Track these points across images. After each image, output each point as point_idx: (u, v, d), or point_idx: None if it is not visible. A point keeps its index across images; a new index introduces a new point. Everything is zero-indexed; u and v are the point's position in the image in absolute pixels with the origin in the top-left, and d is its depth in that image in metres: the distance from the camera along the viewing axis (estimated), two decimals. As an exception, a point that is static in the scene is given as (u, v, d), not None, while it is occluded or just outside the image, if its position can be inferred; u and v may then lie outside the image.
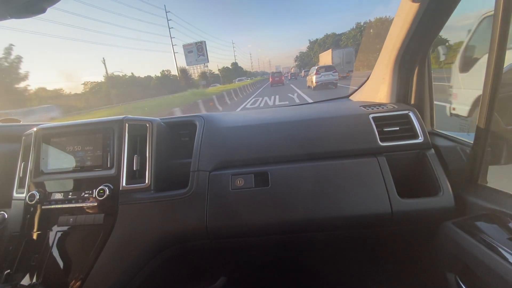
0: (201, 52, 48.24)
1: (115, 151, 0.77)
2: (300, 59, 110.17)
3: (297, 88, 16.12)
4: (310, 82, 15.12)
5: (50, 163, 0.80)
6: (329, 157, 0.78)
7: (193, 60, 49.05)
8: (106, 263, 0.71)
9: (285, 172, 0.76)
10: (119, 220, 0.73)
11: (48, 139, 0.81)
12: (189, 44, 49.34)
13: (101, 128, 0.80)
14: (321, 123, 0.85)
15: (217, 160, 0.80)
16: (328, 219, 0.72)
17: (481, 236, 0.55)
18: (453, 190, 0.70)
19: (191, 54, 48.77)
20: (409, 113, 0.82)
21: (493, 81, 0.60)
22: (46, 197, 0.78)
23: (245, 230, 0.75)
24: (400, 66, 0.93)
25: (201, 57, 48.37)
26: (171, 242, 0.75)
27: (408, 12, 0.78)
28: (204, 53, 48.26)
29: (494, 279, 0.49)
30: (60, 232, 0.74)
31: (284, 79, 25.79)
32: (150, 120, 0.83)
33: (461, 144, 0.76)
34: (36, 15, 0.48)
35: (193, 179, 0.76)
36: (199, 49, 48.40)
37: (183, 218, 0.74)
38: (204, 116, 0.91)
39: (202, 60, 49.24)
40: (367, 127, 0.80)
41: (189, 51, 49.01)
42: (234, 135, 0.85)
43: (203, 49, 48.25)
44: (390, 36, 0.92)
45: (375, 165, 0.75)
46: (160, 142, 0.82)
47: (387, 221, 0.71)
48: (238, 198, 0.74)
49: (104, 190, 0.73)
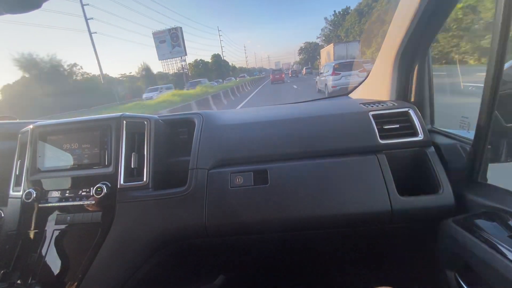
0: (176, 41, 37.37)
1: (112, 149, 0.77)
2: (306, 51, 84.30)
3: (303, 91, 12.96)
4: (321, 85, 10.40)
5: (46, 161, 0.79)
6: (328, 155, 0.78)
7: (167, 52, 38.36)
8: (104, 262, 0.70)
9: (284, 170, 0.76)
10: (117, 218, 0.73)
11: (45, 136, 0.80)
12: (160, 32, 37.89)
13: (99, 126, 0.79)
14: (320, 121, 0.84)
15: (216, 158, 0.79)
16: (327, 217, 0.72)
17: (481, 234, 0.55)
18: (453, 188, 0.70)
19: (163, 44, 37.99)
20: (409, 110, 0.82)
21: (494, 78, 0.59)
22: (43, 195, 0.77)
23: (244, 228, 0.75)
24: (400, 64, 0.92)
25: (177, 48, 37.84)
26: (169, 240, 0.75)
27: (408, 9, 0.77)
28: (180, 43, 37.42)
29: (494, 277, 0.49)
30: (57, 230, 0.74)
31: (284, 77, 25.29)
32: (148, 117, 0.82)
33: (461, 141, 0.75)
34: (31, 10, 0.47)
35: (192, 177, 0.76)
36: (174, 38, 37.34)
37: (181, 216, 0.73)
38: (203, 114, 0.91)
39: (177, 53, 38.29)
40: (367, 125, 0.80)
41: (161, 41, 37.91)
42: (233, 133, 0.85)
43: (178, 37, 37.21)
44: (390, 33, 0.91)
45: (374, 163, 0.74)
46: (158, 140, 0.81)
47: (387, 219, 0.71)
48: (237, 196, 0.74)
49: (101, 188, 0.73)
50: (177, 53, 38.76)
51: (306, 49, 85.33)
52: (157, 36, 38.15)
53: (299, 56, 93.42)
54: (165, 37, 37.91)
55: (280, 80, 23.38)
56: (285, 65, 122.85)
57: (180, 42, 37.78)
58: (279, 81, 23.24)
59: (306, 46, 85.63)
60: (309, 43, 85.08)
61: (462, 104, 1.13)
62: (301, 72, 39.88)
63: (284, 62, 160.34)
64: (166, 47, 38.49)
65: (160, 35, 38.07)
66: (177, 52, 38.62)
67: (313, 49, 78.23)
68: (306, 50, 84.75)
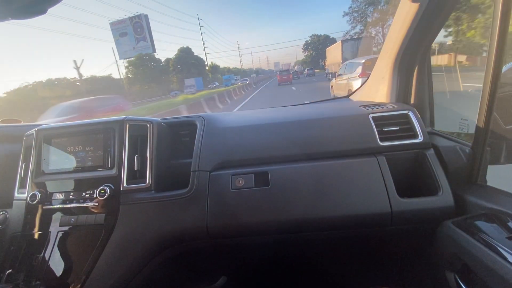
0: (140, 34, 27.89)
1: (116, 151, 0.78)
2: (313, 46, 65.42)
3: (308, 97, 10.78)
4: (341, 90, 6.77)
5: (51, 164, 0.81)
6: (329, 157, 0.79)
7: (129, 49, 29.03)
8: (107, 263, 0.71)
9: (285, 172, 0.76)
10: (120, 220, 0.74)
11: (49, 139, 0.82)
12: (119, 22, 28.34)
13: (102, 129, 0.80)
14: (321, 123, 0.85)
15: (217, 160, 0.80)
16: (328, 219, 0.72)
17: (481, 236, 0.55)
18: (452, 189, 0.71)
19: (124, 38, 28.79)
20: (408, 112, 0.83)
21: (492, 80, 0.60)
22: (47, 197, 0.78)
23: (245, 230, 0.75)
24: (400, 66, 0.93)
25: (142, 43, 28.26)
26: (171, 242, 0.76)
27: (408, 12, 0.78)
28: (145, 36, 27.89)
29: (493, 278, 0.49)
30: (61, 232, 0.75)
31: (292, 77, 24.16)
32: (151, 120, 0.83)
33: (461, 144, 0.76)
34: (36, 16, 0.48)
35: (194, 179, 0.77)
36: (137, 30, 27.91)
37: (183, 218, 0.74)
38: (205, 116, 0.92)
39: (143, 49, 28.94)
40: (367, 127, 0.81)
41: (121, 34, 28.67)
42: (234, 135, 0.86)
43: (143, 29, 27.69)
44: (390, 35, 0.92)
45: (374, 165, 0.75)
46: (160, 142, 0.82)
47: (387, 220, 0.71)
48: (239, 198, 0.75)
49: (105, 190, 0.74)
50: (142, 49, 29.18)
51: (313, 43, 66.57)
52: (116, 28, 28.67)
53: (303, 53, 73.87)
54: (126, 28, 28.16)
55: (288, 81, 22.71)
56: (284, 66, 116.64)
57: (145, 35, 28.13)
58: (286, 82, 22.51)
59: (313, 40, 66.63)
60: (316, 36, 66.28)
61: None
62: (303, 73, 36.35)
63: (284, 63, 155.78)
64: (128, 41, 28.78)
65: (120, 25, 28.51)
66: (142, 48, 29.00)
67: (323, 43, 61.03)
68: (313, 45, 66.05)
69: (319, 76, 28.12)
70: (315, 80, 24.43)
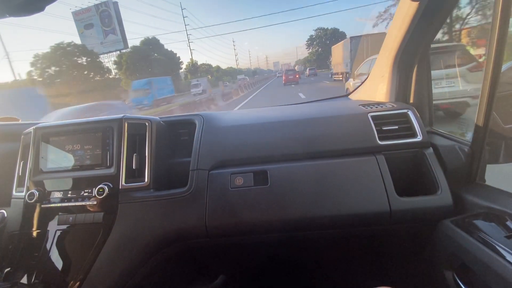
0: (109, 26, 22.50)
1: (114, 150, 0.77)
2: (319, 41, 56.85)
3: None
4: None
5: (49, 162, 0.80)
6: (328, 155, 0.79)
7: (96, 44, 22.94)
8: (105, 262, 0.71)
9: (284, 171, 0.76)
10: (118, 219, 0.73)
11: (47, 138, 0.81)
12: (84, 11, 22.73)
13: (100, 127, 0.80)
14: (320, 122, 0.85)
15: (216, 159, 0.80)
16: (327, 218, 0.72)
17: (479, 234, 0.55)
18: (451, 188, 0.71)
19: (90, 31, 23.14)
20: (408, 112, 0.83)
21: (492, 80, 0.60)
22: (45, 196, 0.78)
23: (244, 228, 0.75)
24: (399, 65, 0.93)
25: (111, 36, 22.57)
26: (170, 241, 0.76)
27: (407, 11, 0.78)
28: (114, 28, 22.38)
29: (492, 277, 0.49)
30: (60, 230, 0.74)
31: (299, 77, 22.73)
32: (149, 119, 0.83)
33: (460, 143, 0.76)
34: (34, 13, 0.47)
35: (193, 178, 0.77)
36: (105, 21, 22.51)
37: (182, 217, 0.74)
38: (204, 115, 0.91)
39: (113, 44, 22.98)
40: (366, 126, 0.81)
41: (86, 26, 23.01)
42: (233, 134, 0.86)
43: (112, 19, 22.24)
44: (390, 34, 0.92)
45: (374, 164, 0.75)
46: (159, 141, 0.82)
47: (386, 219, 0.71)
48: (238, 196, 0.75)
49: (103, 189, 0.73)
50: (111, 44, 23.10)
51: (318, 38, 57.31)
52: (79, 18, 22.76)
53: (307, 51, 63.60)
54: (91, 19, 22.60)
55: (294, 81, 21.53)
56: (284, 65, 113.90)
57: (114, 27, 22.46)
58: (292, 82, 21.31)
59: (318, 34, 57.31)
60: (323, 29, 56.70)
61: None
62: (304, 73, 34.46)
63: (283, 63, 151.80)
64: (95, 34, 23.14)
65: (84, 15, 22.70)
66: (111, 43, 23.01)
67: (330, 38, 52.95)
68: (319, 40, 57.12)
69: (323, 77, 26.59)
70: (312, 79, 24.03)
